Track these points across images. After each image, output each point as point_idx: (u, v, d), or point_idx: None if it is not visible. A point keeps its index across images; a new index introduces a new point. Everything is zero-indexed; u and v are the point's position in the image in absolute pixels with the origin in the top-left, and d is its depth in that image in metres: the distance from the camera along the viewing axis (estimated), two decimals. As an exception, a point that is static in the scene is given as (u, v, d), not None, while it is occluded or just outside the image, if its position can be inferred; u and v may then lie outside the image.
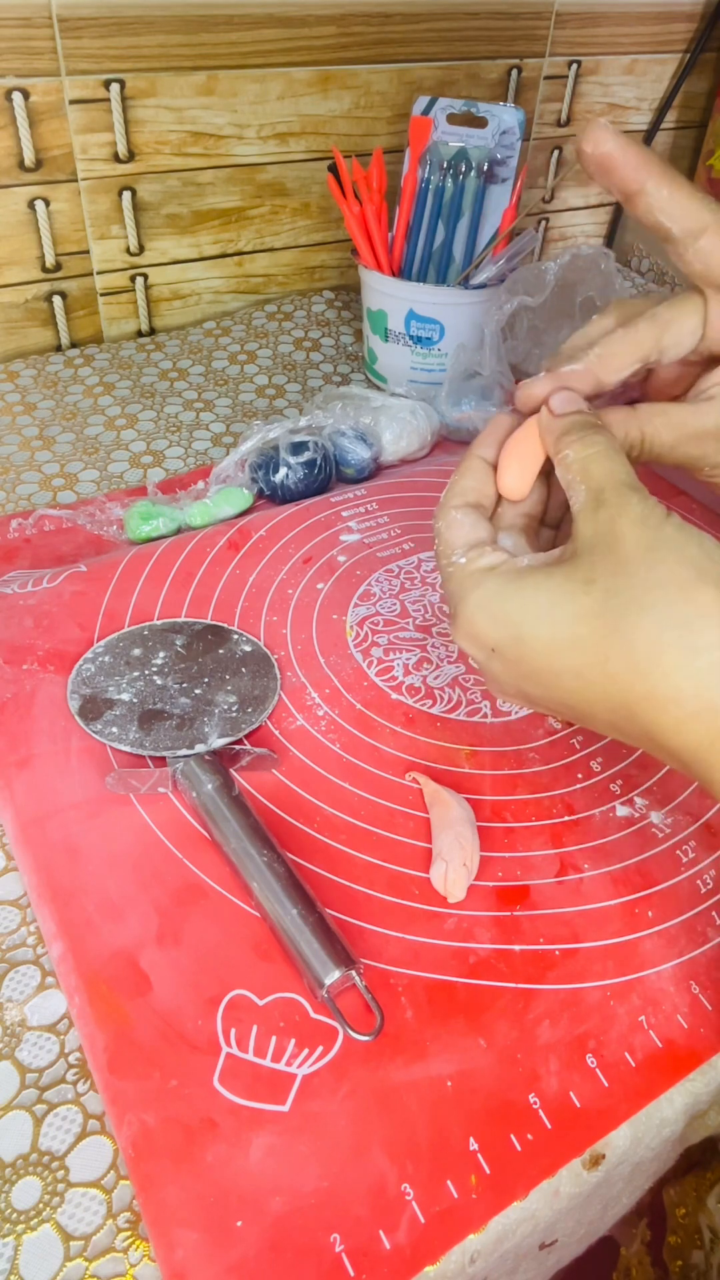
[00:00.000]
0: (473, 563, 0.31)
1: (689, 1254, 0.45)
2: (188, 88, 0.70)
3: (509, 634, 0.29)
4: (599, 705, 0.28)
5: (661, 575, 0.27)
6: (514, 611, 0.29)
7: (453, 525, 0.32)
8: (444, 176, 0.66)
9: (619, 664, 0.27)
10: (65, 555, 0.53)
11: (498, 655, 0.30)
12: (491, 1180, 0.30)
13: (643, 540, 0.28)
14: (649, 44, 0.90)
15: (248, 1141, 0.30)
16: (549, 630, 0.28)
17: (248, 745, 0.41)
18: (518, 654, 0.29)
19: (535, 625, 0.28)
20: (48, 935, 0.35)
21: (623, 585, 0.27)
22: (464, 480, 0.33)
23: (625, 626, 0.27)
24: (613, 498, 0.29)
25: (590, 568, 0.28)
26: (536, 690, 0.30)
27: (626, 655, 0.27)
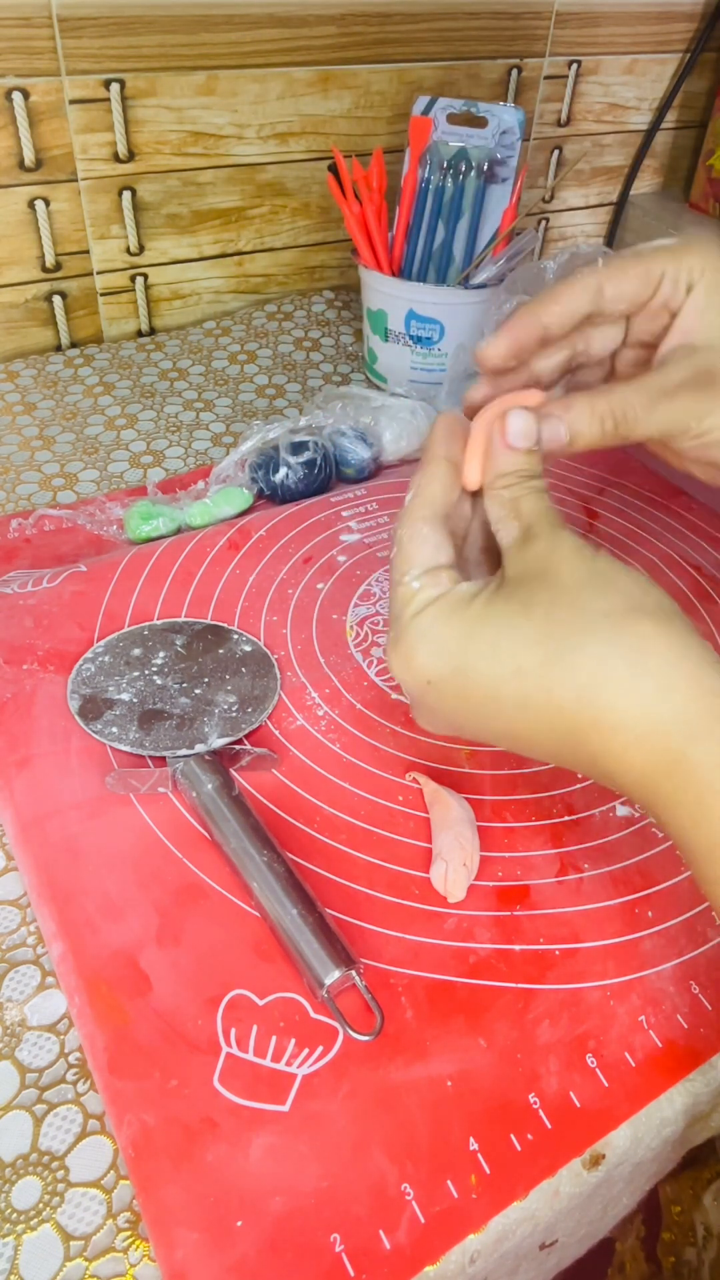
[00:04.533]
0: (424, 589, 0.31)
1: (682, 1250, 0.45)
2: (188, 88, 0.70)
3: (449, 665, 0.29)
4: (543, 734, 0.28)
5: (601, 606, 0.27)
6: (455, 643, 0.29)
7: (415, 539, 0.32)
8: (444, 176, 0.66)
9: (564, 692, 0.27)
10: (65, 555, 0.53)
11: (434, 687, 0.30)
12: (491, 1180, 0.30)
13: (578, 572, 0.28)
14: (649, 44, 0.90)
15: (248, 1141, 0.30)
16: (492, 660, 0.28)
17: (248, 745, 0.41)
18: (457, 686, 0.29)
19: (478, 655, 0.29)
20: (48, 935, 0.35)
21: (563, 616, 0.28)
22: (430, 488, 0.32)
23: (569, 656, 0.27)
24: (544, 531, 0.30)
25: (528, 596, 0.29)
26: (474, 721, 0.30)
27: (571, 683, 0.27)
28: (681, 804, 0.27)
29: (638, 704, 0.26)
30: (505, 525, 0.31)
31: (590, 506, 0.59)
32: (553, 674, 0.27)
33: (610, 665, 0.27)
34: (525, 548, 0.30)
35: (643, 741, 0.27)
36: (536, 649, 0.28)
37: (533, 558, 0.29)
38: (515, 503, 0.31)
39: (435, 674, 0.29)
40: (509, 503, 0.31)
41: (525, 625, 0.28)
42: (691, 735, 0.26)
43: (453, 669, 0.29)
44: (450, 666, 0.29)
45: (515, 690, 0.28)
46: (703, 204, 0.96)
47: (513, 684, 0.28)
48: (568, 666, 0.27)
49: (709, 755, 0.26)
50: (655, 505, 0.59)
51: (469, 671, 0.29)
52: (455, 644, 0.29)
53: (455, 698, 0.30)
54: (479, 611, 0.29)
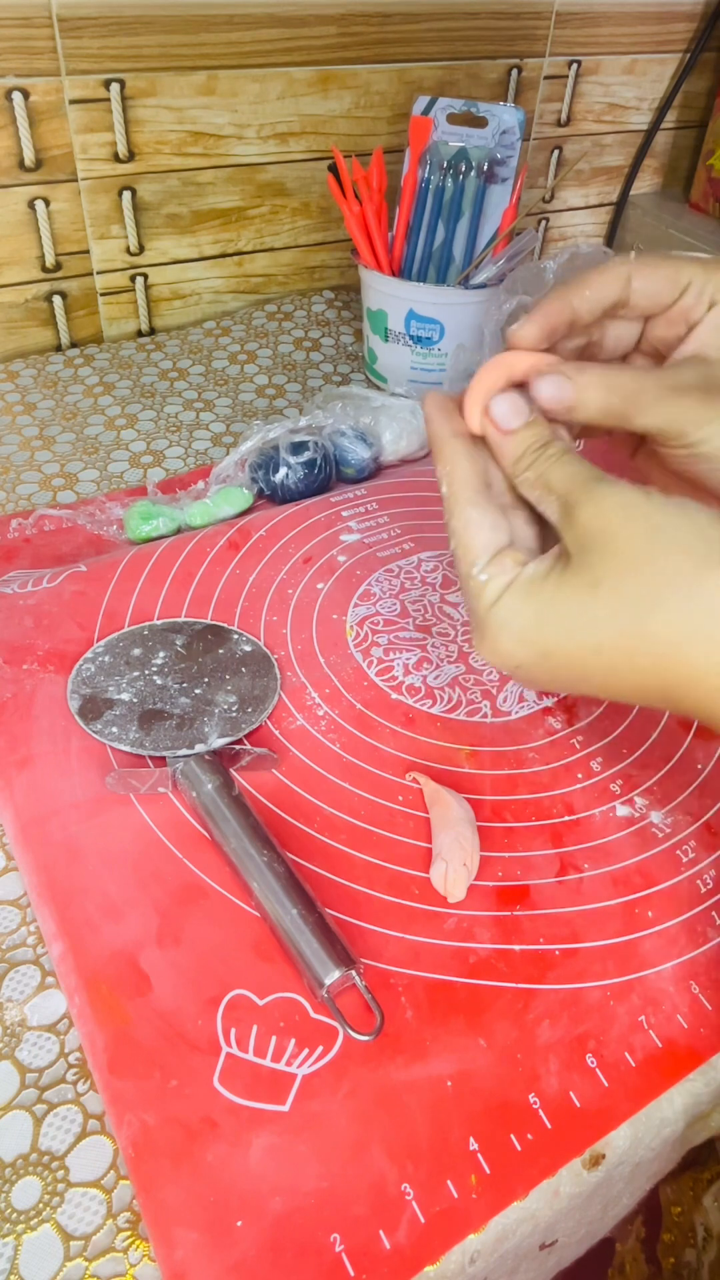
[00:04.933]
0: (493, 580, 0.31)
1: (682, 1251, 0.45)
2: (188, 88, 0.70)
3: (534, 650, 0.30)
4: (638, 694, 0.29)
5: (666, 568, 0.27)
6: (534, 630, 0.30)
7: (468, 526, 0.31)
8: (444, 176, 0.66)
9: (646, 659, 0.28)
10: (65, 555, 0.53)
11: (524, 669, 0.31)
12: (491, 1180, 0.30)
13: (636, 534, 0.28)
14: (649, 44, 0.90)
15: (248, 1141, 0.30)
16: (572, 642, 0.29)
17: (248, 745, 0.41)
18: (546, 667, 0.30)
19: (556, 640, 0.29)
20: (48, 935, 0.35)
21: (629, 587, 0.28)
22: (460, 468, 0.32)
23: (645, 625, 0.27)
24: (583, 497, 0.29)
25: (591, 569, 0.28)
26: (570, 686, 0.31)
27: (651, 651, 0.28)
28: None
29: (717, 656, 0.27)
30: (545, 504, 0.31)
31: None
32: (633, 644, 0.28)
33: (690, 625, 0.27)
34: (572, 519, 0.29)
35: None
36: (611, 624, 0.28)
37: (583, 528, 0.29)
38: (542, 479, 0.30)
39: (522, 660, 0.30)
40: (536, 482, 0.31)
41: (595, 604, 0.28)
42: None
43: (537, 653, 0.30)
44: (534, 652, 0.30)
45: (600, 664, 0.29)
46: (703, 204, 0.96)
47: (596, 659, 0.29)
48: (646, 636, 0.27)
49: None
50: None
51: (553, 654, 0.29)
52: (534, 631, 0.30)
53: (547, 675, 0.30)
54: (550, 595, 0.29)
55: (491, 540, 0.31)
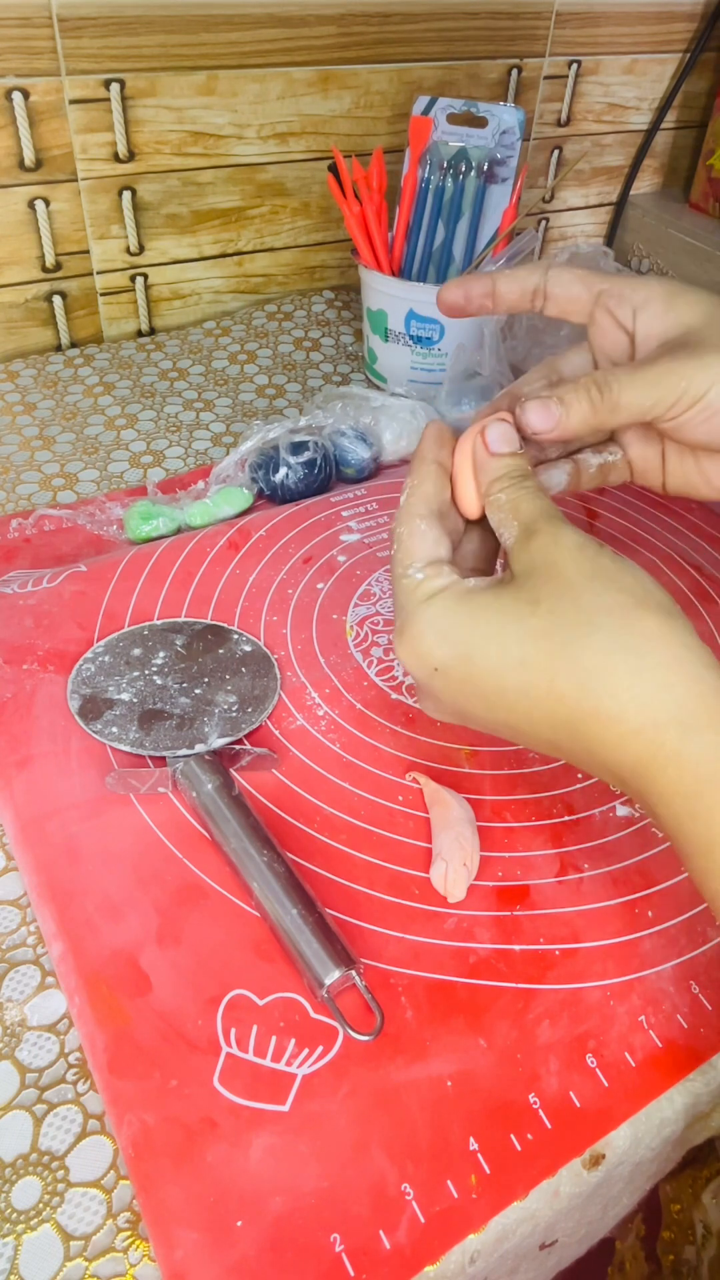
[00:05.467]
0: (428, 580, 0.31)
1: (681, 1249, 0.45)
2: (188, 87, 0.70)
3: (457, 653, 0.30)
4: (542, 723, 0.29)
5: (607, 601, 0.28)
6: (463, 631, 0.30)
7: (415, 534, 0.33)
8: (444, 176, 0.66)
9: (566, 682, 0.28)
10: (65, 555, 0.53)
11: (441, 674, 0.31)
12: (491, 1180, 0.30)
13: (583, 568, 0.29)
14: (649, 44, 0.90)
15: (248, 1141, 0.30)
16: (498, 649, 0.29)
17: (248, 745, 0.41)
18: (464, 673, 0.30)
19: (485, 644, 0.29)
20: (48, 935, 0.35)
21: (568, 608, 0.28)
22: (425, 487, 0.34)
23: (573, 647, 0.28)
24: (545, 527, 0.30)
25: (534, 590, 0.29)
26: (478, 709, 0.31)
27: (574, 674, 0.28)
28: (676, 796, 0.27)
29: (637, 697, 0.27)
30: (507, 526, 0.32)
31: (590, 507, 0.59)
32: (556, 665, 0.28)
33: (613, 659, 0.27)
34: (528, 544, 0.30)
35: (640, 734, 0.27)
36: (542, 641, 0.28)
37: (536, 553, 0.30)
38: (514, 503, 0.32)
39: (442, 660, 0.30)
40: (507, 505, 0.32)
41: (531, 618, 0.29)
42: (688, 730, 0.27)
43: (459, 656, 0.30)
44: (456, 654, 0.30)
45: (519, 680, 0.29)
46: (703, 204, 0.96)
47: (517, 673, 0.29)
48: (571, 659, 0.28)
49: (704, 750, 0.26)
50: (655, 505, 0.59)
51: (475, 659, 0.29)
52: (462, 632, 0.30)
53: (461, 684, 0.30)
54: (486, 602, 0.30)
55: (433, 550, 0.32)
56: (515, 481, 0.32)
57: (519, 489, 0.32)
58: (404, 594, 0.32)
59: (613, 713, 0.27)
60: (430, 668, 0.31)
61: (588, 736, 0.28)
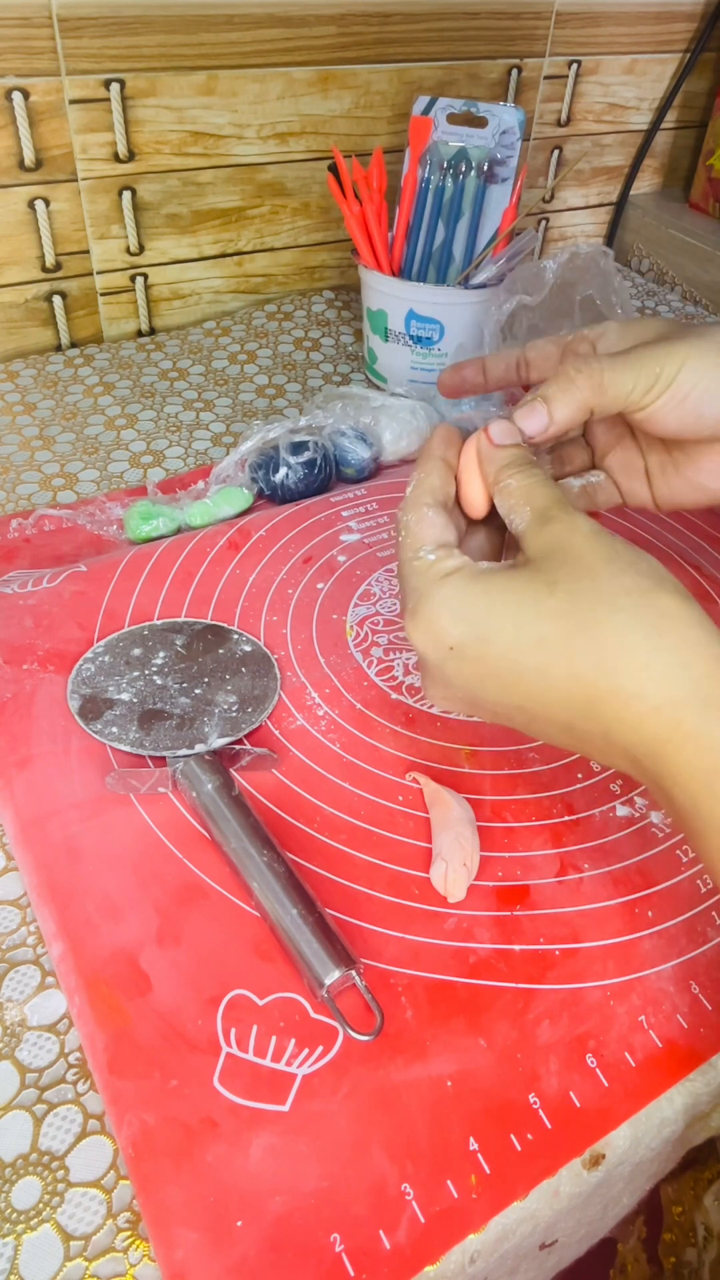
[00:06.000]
0: (441, 561, 0.32)
1: (683, 1251, 0.45)
2: (188, 87, 0.70)
3: (473, 632, 0.30)
4: (557, 705, 0.29)
5: (625, 583, 0.28)
6: (479, 609, 0.30)
7: (423, 521, 0.33)
8: (444, 176, 0.66)
9: (584, 661, 0.28)
10: (65, 555, 0.53)
11: (456, 654, 0.30)
12: (491, 1180, 0.30)
13: (600, 551, 0.29)
14: (649, 44, 0.90)
15: (248, 1141, 0.30)
16: (514, 628, 0.29)
17: (248, 745, 0.41)
18: (479, 653, 0.30)
19: (501, 623, 0.29)
20: (48, 935, 0.35)
21: (587, 589, 0.28)
22: (431, 479, 0.34)
23: (592, 626, 0.28)
24: (560, 514, 0.31)
25: (551, 572, 0.29)
26: (491, 691, 0.31)
27: (593, 652, 0.28)
28: (696, 774, 0.27)
29: (656, 675, 0.27)
30: (518, 512, 0.32)
31: (590, 506, 0.59)
32: (575, 644, 0.28)
33: (632, 638, 0.27)
34: (543, 528, 0.30)
35: (659, 711, 0.27)
36: (560, 621, 0.28)
37: (552, 537, 0.30)
38: (526, 490, 0.32)
39: (458, 639, 0.30)
40: (519, 490, 0.32)
41: (548, 599, 0.29)
42: (707, 707, 0.27)
43: (476, 635, 0.30)
44: (473, 633, 0.30)
45: (537, 659, 0.29)
46: (703, 204, 0.96)
47: (535, 653, 0.29)
48: (590, 638, 0.28)
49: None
50: (655, 505, 0.59)
51: (492, 638, 0.29)
52: (479, 611, 0.30)
53: (476, 664, 0.30)
54: (502, 583, 0.30)
55: (442, 535, 0.33)
56: (524, 469, 0.33)
57: (529, 476, 0.32)
58: (416, 575, 0.32)
59: (631, 690, 0.27)
60: (445, 647, 0.30)
61: (605, 716, 0.28)
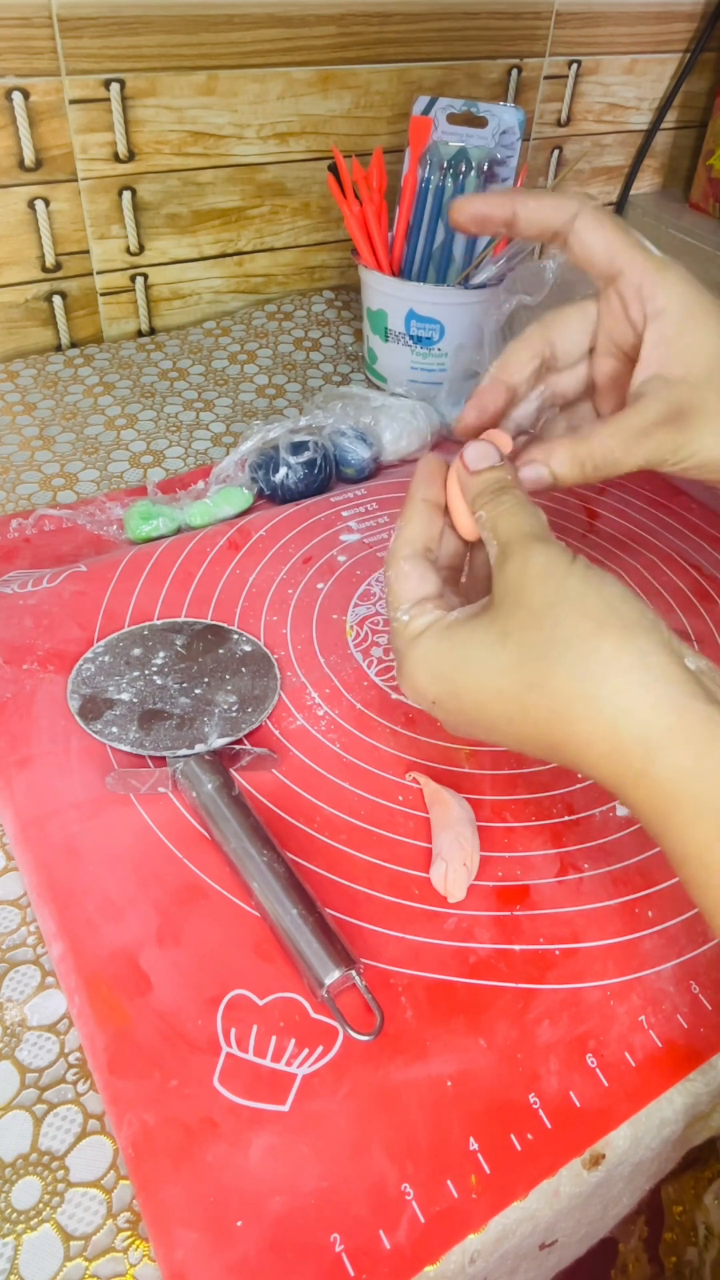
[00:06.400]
0: (414, 620, 0.33)
1: (683, 1250, 0.45)
2: (188, 87, 0.70)
3: (446, 688, 0.32)
4: (529, 744, 0.31)
5: (565, 630, 0.29)
6: (446, 668, 0.31)
7: (401, 577, 0.34)
8: (444, 176, 0.66)
9: (539, 712, 0.29)
10: (65, 555, 0.53)
11: (439, 706, 0.32)
12: (491, 1180, 0.30)
13: (547, 594, 0.30)
14: (649, 44, 0.90)
15: (248, 1141, 0.30)
16: (477, 683, 0.31)
17: (248, 745, 0.41)
18: (455, 705, 0.32)
19: (466, 678, 0.31)
20: (48, 935, 0.35)
21: (533, 639, 0.29)
22: (410, 528, 0.35)
23: (540, 679, 0.29)
24: (517, 550, 0.31)
25: (505, 619, 0.30)
26: (476, 732, 0.33)
27: (544, 705, 0.29)
28: (652, 813, 0.28)
29: (602, 724, 0.28)
30: (489, 546, 0.33)
31: (590, 506, 0.59)
32: (527, 697, 0.29)
33: (575, 688, 0.28)
34: (503, 568, 0.31)
35: (609, 757, 0.28)
36: (513, 674, 0.30)
37: (508, 578, 0.31)
38: (493, 522, 0.33)
39: (435, 695, 0.32)
40: (487, 523, 0.33)
41: (501, 652, 0.30)
42: (652, 750, 0.27)
43: (448, 691, 0.32)
44: (447, 689, 0.32)
45: (500, 710, 0.30)
46: (703, 204, 0.96)
47: (497, 704, 0.30)
48: (540, 690, 0.29)
49: (669, 768, 0.27)
50: (655, 505, 0.59)
51: (461, 693, 0.31)
52: (446, 668, 0.31)
53: (456, 714, 0.32)
54: (464, 637, 0.31)
55: (418, 590, 0.34)
56: (493, 497, 0.33)
57: (497, 505, 0.33)
58: (396, 636, 0.34)
59: (583, 738, 0.28)
60: (428, 701, 0.33)
61: (568, 758, 0.30)
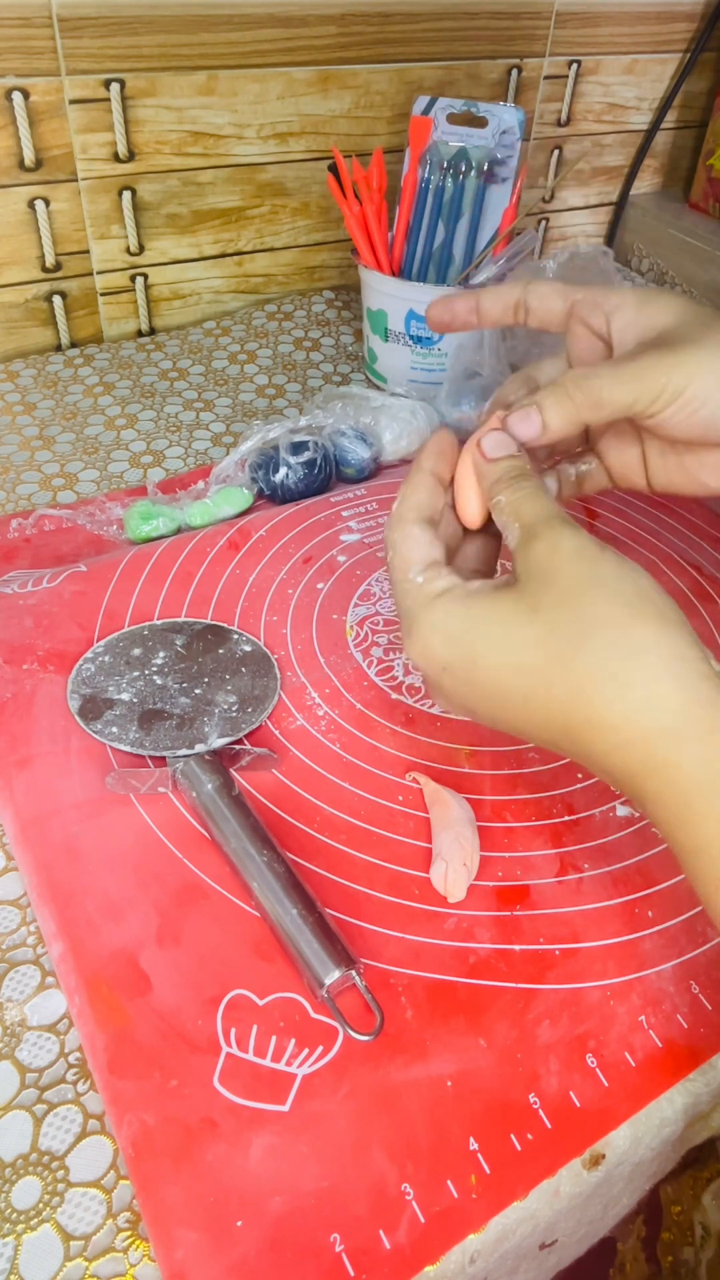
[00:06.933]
0: (429, 583, 0.32)
1: (680, 1250, 0.45)
2: (188, 87, 0.70)
3: (462, 655, 0.31)
4: (542, 726, 0.30)
5: (601, 613, 0.28)
6: (468, 634, 0.31)
7: (409, 540, 0.33)
8: (444, 176, 0.66)
9: (562, 690, 0.29)
10: (65, 555, 0.53)
11: (449, 673, 0.31)
12: (491, 1180, 0.30)
13: (581, 575, 0.29)
14: (649, 44, 0.90)
15: (248, 1141, 0.30)
16: (499, 655, 0.30)
17: (248, 745, 0.41)
18: (468, 674, 0.31)
19: (487, 647, 0.30)
20: (48, 935, 0.35)
21: (565, 618, 0.29)
22: (417, 495, 0.34)
23: (569, 658, 0.28)
24: (545, 532, 0.31)
25: (534, 596, 0.30)
26: (483, 707, 0.32)
27: (569, 684, 0.28)
28: (667, 805, 0.28)
29: (628, 710, 0.27)
30: (510, 529, 0.32)
31: (590, 506, 0.59)
32: (553, 675, 0.28)
33: (606, 670, 0.28)
34: (529, 547, 0.31)
35: (631, 744, 0.28)
36: (539, 649, 0.29)
37: (536, 557, 0.30)
38: (514, 505, 0.32)
39: (449, 661, 0.31)
40: (508, 507, 0.32)
41: (529, 626, 0.29)
42: (679, 740, 0.27)
43: (464, 658, 0.30)
44: (462, 655, 0.30)
45: (519, 685, 0.29)
46: (702, 204, 0.96)
47: (517, 679, 0.29)
48: (567, 669, 0.28)
49: (694, 759, 0.27)
50: (655, 505, 0.59)
51: (479, 661, 0.30)
52: (467, 635, 0.30)
53: (468, 684, 0.31)
54: (489, 606, 0.30)
55: (428, 554, 0.33)
56: (513, 482, 0.33)
57: (518, 490, 0.32)
58: (407, 598, 0.32)
59: (606, 722, 0.28)
60: (439, 667, 0.31)
61: (584, 742, 0.29)
